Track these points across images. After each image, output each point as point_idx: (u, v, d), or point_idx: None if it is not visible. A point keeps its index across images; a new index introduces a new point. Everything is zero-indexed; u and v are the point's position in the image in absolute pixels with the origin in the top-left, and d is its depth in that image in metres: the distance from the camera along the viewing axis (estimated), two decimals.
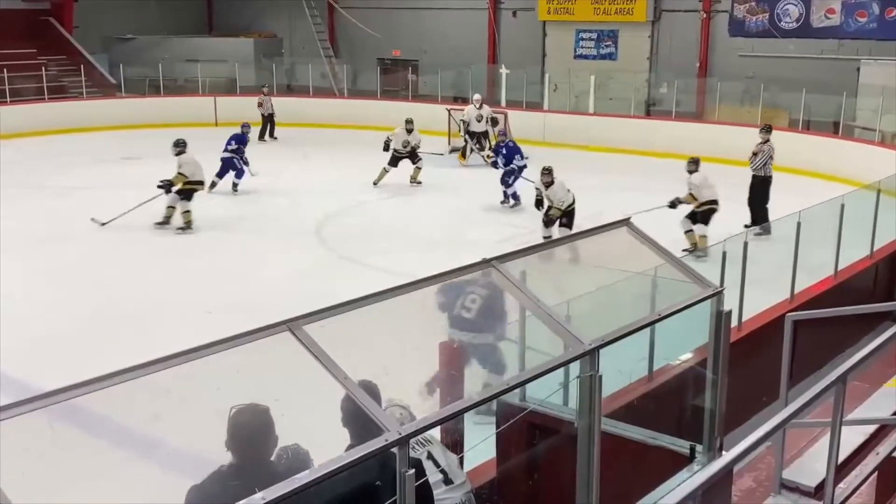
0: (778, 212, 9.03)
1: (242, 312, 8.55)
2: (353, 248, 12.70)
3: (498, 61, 26.12)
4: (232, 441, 2.98)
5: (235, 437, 2.98)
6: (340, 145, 20.90)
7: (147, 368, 2.71)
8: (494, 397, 3.50)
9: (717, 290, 4.21)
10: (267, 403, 2.96)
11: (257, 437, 2.99)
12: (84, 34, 27.99)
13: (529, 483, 4.42)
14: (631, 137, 20.85)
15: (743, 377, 6.29)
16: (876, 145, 17.80)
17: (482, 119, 19.48)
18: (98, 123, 23.17)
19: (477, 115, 19.42)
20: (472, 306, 6.42)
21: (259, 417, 2.99)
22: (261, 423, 2.99)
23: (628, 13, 24.68)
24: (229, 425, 2.98)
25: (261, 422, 2.99)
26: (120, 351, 7.46)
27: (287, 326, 2.92)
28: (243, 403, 2.98)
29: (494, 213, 14.83)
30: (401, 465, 2.70)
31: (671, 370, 5.76)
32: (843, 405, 3.70)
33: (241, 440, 2.97)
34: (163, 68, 26.49)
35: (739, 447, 3.07)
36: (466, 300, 6.63)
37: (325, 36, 29.89)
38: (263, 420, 3.00)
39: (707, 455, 4.24)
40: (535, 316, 3.75)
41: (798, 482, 4.54)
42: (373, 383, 3.45)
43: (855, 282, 9.13)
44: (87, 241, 12.89)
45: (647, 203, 14.24)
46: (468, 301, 6.62)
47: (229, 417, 2.96)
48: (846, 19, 20.95)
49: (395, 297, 3.53)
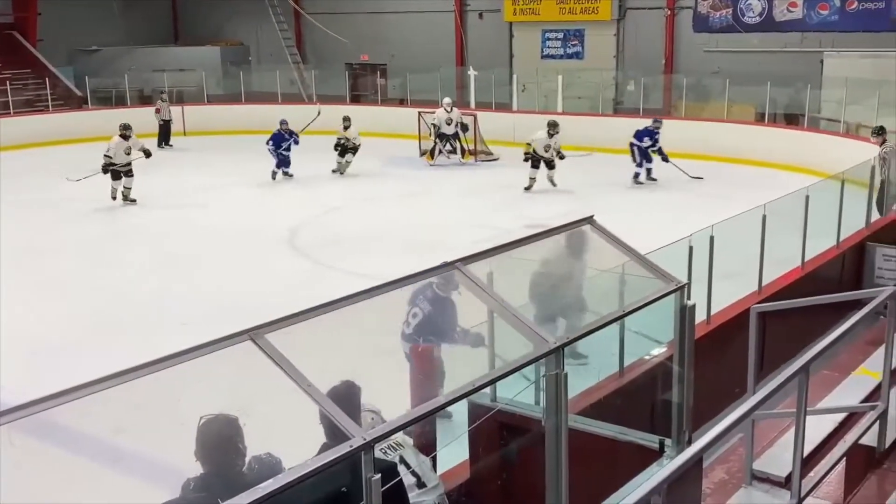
0: (745, 204, 9.08)
1: (218, 324, 8.51)
2: (328, 254, 12.67)
3: (466, 63, 26.16)
4: (202, 450, 2.98)
5: (205, 447, 2.97)
6: (310, 151, 20.83)
7: (109, 381, 2.69)
8: (463, 397, 3.50)
9: (681, 284, 4.24)
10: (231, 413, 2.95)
11: (227, 446, 2.98)
12: (49, 47, 27.73)
13: (500, 483, 4.43)
14: (600, 135, 20.94)
15: (713, 370, 6.34)
16: (841, 136, 18.00)
17: (452, 122, 19.59)
18: (65, 136, 22.96)
19: (447, 119, 19.53)
20: (412, 321, 6.35)
21: (229, 427, 2.98)
22: (230, 433, 2.99)
23: (593, 12, 24.82)
24: (198, 435, 2.97)
25: (230, 431, 2.99)
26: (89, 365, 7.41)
27: (249, 336, 2.90)
28: (212, 414, 2.97)
29: (466, 215, 14.84)
30: (366, 470, 2.70)
31: (641, 366, 5.79)
32: (808, 394, 3.74)
33: (211, 450, 2.96)
34: (129, 79, 26.30)
35: (706, 438, 3.09)
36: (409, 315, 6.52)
37: (293, 42, 29.81)
38: (233, 429, 2.99)
39: (676, 449, 4.27)
40: (500, 316, 3.76)
41: (768, 473, 4.58)
42: (351, 384, 3.45)
43: (822, 272, 9.21)
44: (58, 255, 12.78)
45: (616, 201, 14.38)
46: (409, 316, 6.52)
47: (198, 427, 2.95)
48: (808, 12, 21.20)
49: (360, 302, 3.52)
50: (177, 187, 17.46)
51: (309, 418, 3.13)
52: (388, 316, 3.92)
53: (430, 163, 19.69)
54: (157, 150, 22.11)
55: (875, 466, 4.59)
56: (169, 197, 16.57)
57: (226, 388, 3.07)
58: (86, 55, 29.23)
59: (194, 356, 2.79)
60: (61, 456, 2.71)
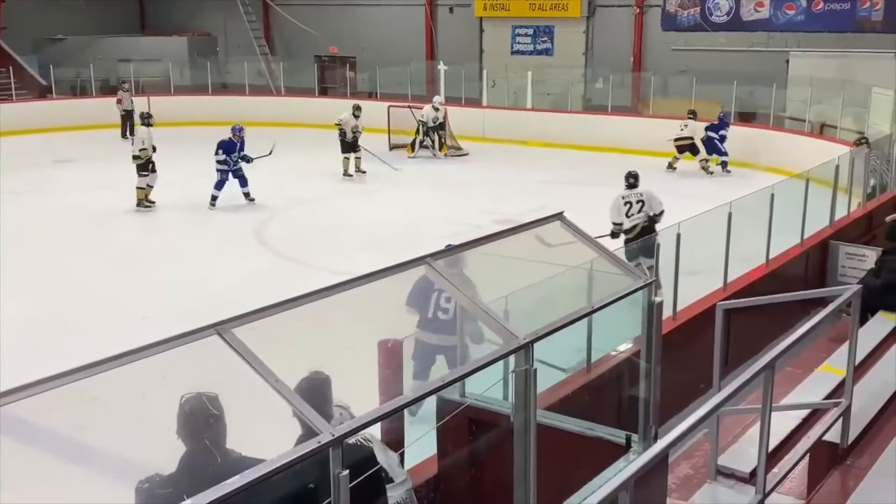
0: (711, 202, 9.16)
1: (179, 317, 8.42)
2: (295, 248, 12.60)
3: (436, 58, 26.15)
4: (184, 428, 3.00)
5: (188, 424, 3.00)
6: (280, 144, 20.70)
7: (71, 376, 2.63)
8: (431, 393, 3.49)
9: (649, 280, 4.26)
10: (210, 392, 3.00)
11: (211, 422, 3.01)
12: (13, 35, 27.25)
13: (468, 478, 4.42)
14: (569, 132, 21.03)
15: (679, 366, 6.38)
16: (805, 135, 18.21)
17: (437, 120, 19.75)
18: (29, 126, 22.64)
19: (433, 118, 19.68)
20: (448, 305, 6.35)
21: (211, 404, 3.02)
22: (213, 409, 3.02)
23: (563, 9, 24.90)
24: (179, 413, 2.99)
25: (212, 408, 3.02)
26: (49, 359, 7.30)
27: (215, 330, 2.87)
28: (192, 392, 3.00)
29: (434, 209, 14.82)
30: (334, 466, 2.68)
31: (609, 361, 5.82)
32: (773, 391, 3.77)
33: (195, 426, 2.99)
34: (94, 69, 25.96)
35: (672, 435, 3.11)
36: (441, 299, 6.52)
37: (261, 34, 29.61)
38: (215, 405, 3.03)
39: (642, 444, 4.29)
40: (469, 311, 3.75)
41: (733, 468, 4.63)
42: (322, 377, 3.43)
43: (787, 269, 9.31)
44: (19, 247, 12.56)
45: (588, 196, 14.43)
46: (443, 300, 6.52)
47: (179, 405, 2.98)
48: (775, 12, 21.40)
49: (330, 297, 3.49)
50: None
51: (280, 413, 3.10)
52: (357, 312, 3.89)
53: (409, 155, 19.73)
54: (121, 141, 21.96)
55: (838, 462, 4.65)
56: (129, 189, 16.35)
57: (191, 383, 3.03)
58: (51, 44, 28.80)
59: (159, 350, 2.74)
60: (21, 451, 2.65)
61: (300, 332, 3.61)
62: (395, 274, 3.90)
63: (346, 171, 17.19)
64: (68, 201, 15.51)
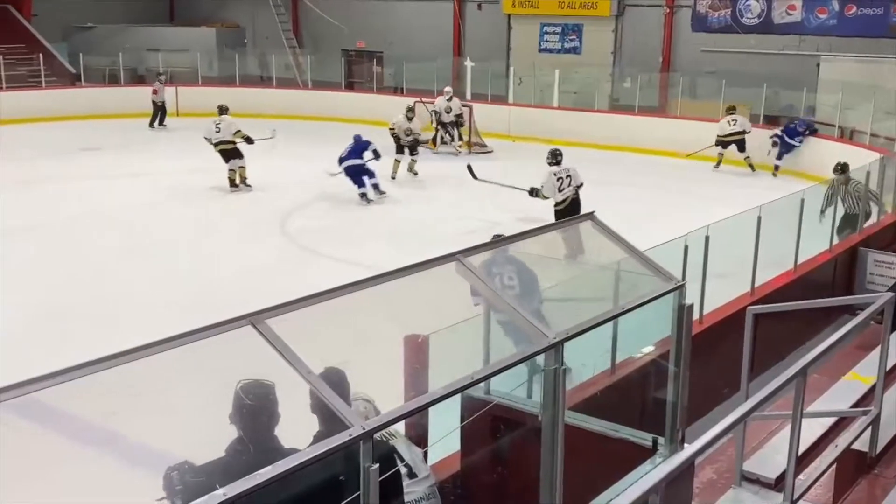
0: (740, 206, 9.10)
1: (204, 307, 8.49)
2: (318, 241, 12.63)
3: (463, 54, 26.10)
4: (237, 414, 3.05)
5: (242, 410, 3.04)
6: (305, 136, 20.77)
7: (105, 363, 2.65)
8: (459, 391, 3.49)
9: (680, 283, 4.23)
10: (267, 380, 3.05)
11: (264, 410, 3.06)
12: (43, 23, 27.48)
13: (493, 476, 4.42)
14: (595, 131, 20.94)
15: (704, 369, 6.34)
16: (835, 140, 18.03)
17: (451, 111, 19.67)
18: (57, 114, 22.82)
19: (446, 107, 19.63)
20: (512, 283, 6.53)
21: (266, 392, 3.08)
22: (268, 397, 3.08)
23: (592, 7, 24.78)
24: (235, 399, 3.04)
25: (268, 396, 3.08)
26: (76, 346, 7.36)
27: (249, 321, 2.88)
28: (249, 378, 3.05)
29: (460, 205, 14.80)
30: (364, 459, 2.68)
31: (633, 363, 5.79)
32: (804, 398, 3.74)
33: (248, 413, 3.04)
34: (123, 58, 26.12)
35: (702, 440, 3.09)
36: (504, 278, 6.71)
37: (289, 26, 29.65)
38: (270, 394, 3.09)
39: (669, 447, 4.26)
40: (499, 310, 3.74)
41: (758, 474, 4.59)
42: (339, 371, 3.44)
43: (814, 275, 9.24)
44: (47, 234, 12.68)
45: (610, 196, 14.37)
46: (506, 279, 6.71)
47: (235, 391, 3.03)
48: (807, 16, 21.21)
49: (360, 291, 3.50)
50: (168, 168, 17.37)
51: (303, 405, 3.12)
52: (386, 307, 3.89)
53: (433, 150, 19.69)
54: (149, 131, 22.14)
55: (866, 472, 4.61)
56: (159, 177, 16.49)
57: (224, 372, 3.05)
58: (80, 32, 29.01)
59: (194, 339, 2.76)
60: (52, 437, 2.67)
61: (329, 325, 3.62)
62: (425, 270, 3.91)
63: (393, 174, 16.70)
64: (94, 189, 15.64)
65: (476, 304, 6.56)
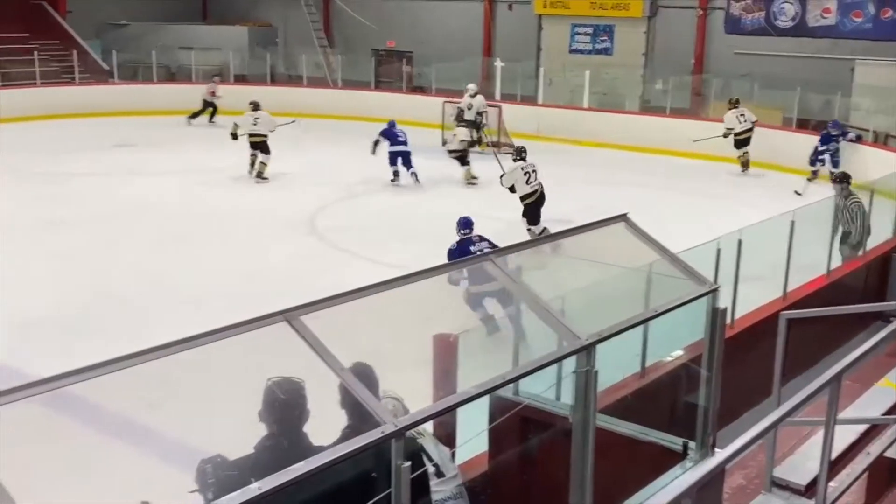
0: (772, 210, 9.04)
1: (234, 303, 8.55)
2: (347, 239, 12.67)
3: (493, 54, 26.08)
4: (267, 410, 3.07)
5: (272, 407, 3.07)
6: (335, 135, 20.86)
7: (142, 357, 2.68)
8: (489, 392, 3.49)
9: (714, 287, 4.21)
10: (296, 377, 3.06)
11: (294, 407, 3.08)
12: (77, 19, 27.77)
13: (522, 477, 4.42)
14: (625, 133, 20.84)
15: (734, 374, 6.29)
16: (869, 145, 17.83)
17: (471, 108, 19.57)
18: (90, 110, 23.04)
19: (468, 104, 19.50)
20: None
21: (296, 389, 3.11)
22: (297, 394, 3.10)
23: (624, 8, 24.66)
24: (265, 395, 3.07)
25: (297, 393, 3.11)
26: (110, 340, 7.46)
27: (284, 317, 2.90)
28: (279, 376, 3.08)
29: (484, 206, 14.77)
30: (396, 457, 2.69)
31: (663, 367, 5.75)
32: (837, 404, 3.70)
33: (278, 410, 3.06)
34: (156, 55, 26.36)
35: (734, 445, 3.07)
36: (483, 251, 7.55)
37: (320, 26, 29.78)
38: (299, 391, 3.11)
39: (699, 452, 4.24)
40: (531, 310, 3.74)
41: (789, 480, 4.55)
42: (367, 366, 3.46)
43: (847, 281, 9.15)
44: (80, 229, 12.83)
45: (641, 198, 14.30)
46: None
47: (265, 388, 3.06)
48: (842, 19, 20.99)
49: (392, 290, 3.51)
50: (199, 165, 17.50)
51: (333, 401, 3.14)
52: (418, 305, 3.91)
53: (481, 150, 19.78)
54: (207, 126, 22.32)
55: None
56: (191, 174, 16.63)
57: (259, 368, 3.07)
58: (114, 29, 29.30)
59: (229, 334, 2.78)
60: (92, 429, 2.71)
61: (361, 323, 3.64)
62: (458, 269, 3.92)
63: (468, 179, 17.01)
64: (127, 184, 15.81)
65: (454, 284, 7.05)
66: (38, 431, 2.58)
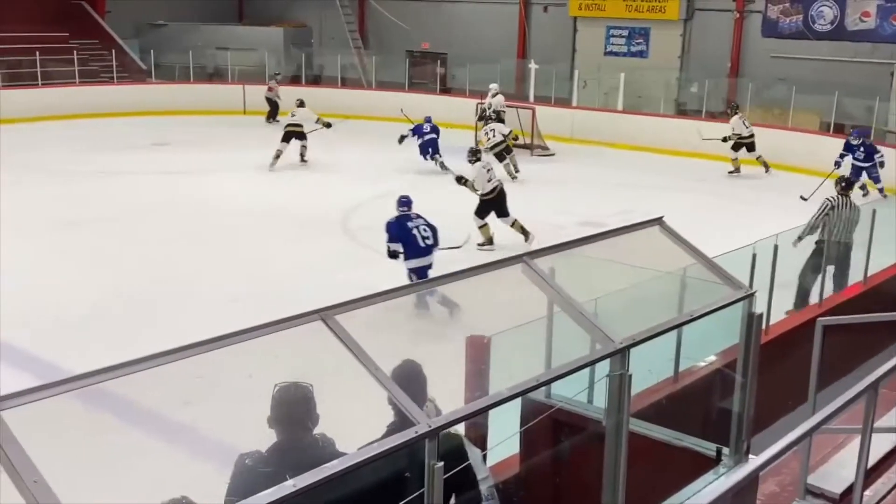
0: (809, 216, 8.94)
1: (267, 301, 8.62)
2: (378, 239, 12.68)
3: (527, 56, 26.03)
4: (274, 416, 3.07)
5: (279, 413, 3.06)
6: (368, 136, 20.94)
7: (179, 354, 2.71)
8: (522, 394, 3.49)
9: (749, 292, 4.17)
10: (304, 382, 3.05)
11: (301, 412, 3.08)
12: (116, 19, 28.12)
13: (554, 479, 4.41)
14: (660, 136, 20.72)
15: (768, 380, 6.23)
16: None
17: (491, 106, 19.63)
18: (128, 109, 23.33)
19: (488, 103, 19.62)
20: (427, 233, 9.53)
21: (302, 394, 3.10)
22: (303, 400, 3.09)
23: (660, 11, 24.51)
24: (272, 401, 3.06)
25: (304, 398, 3.09)
26: (143, 336, 7.54)
27: (320, 316, 2.92)
28: (286, 381, 3.08)
29: (522, 208, 14.72)
30: (430, 457, 2.70)
31: (696, 372, 5.72)
32: (875, 412, 3.66)
33: (285, 416, 3.06)
34: (193, 55, 26.62)
35: (769, 451, 3.04)
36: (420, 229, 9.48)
37: (355, 27, 29.90)
38: (306, 397, 3.10)
39: (733, 458, 4.20)
40: (565, 313, 3.73)
41: (823, 488, 4.51)
42: (417, 365, 3.47)
43: (885, 288, 9.04)
44: (114, 226, 12.98)
45: (674, 201, 14.20)
46: (422, 230, 9.54)
47: (273, 394, 3.05)
48: (881, 23, 20.70)
49: (425, 290, 3.53)
50: (236, 164, 17.64)
51: (376, 399, 3.14)
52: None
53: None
54: (267, 126, 22.52)
55: None
56: (227, 173, 16.78)
57: (294, 365, 3.09)
58: (152, 29, 29.63)
59: (265, 332, 2.81)
60: (128, 425, 2.74)
61: (395, 323, 3.66)
62: (490, 272, 3.91)
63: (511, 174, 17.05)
64: (163, 182, 15.98)
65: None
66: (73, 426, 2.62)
